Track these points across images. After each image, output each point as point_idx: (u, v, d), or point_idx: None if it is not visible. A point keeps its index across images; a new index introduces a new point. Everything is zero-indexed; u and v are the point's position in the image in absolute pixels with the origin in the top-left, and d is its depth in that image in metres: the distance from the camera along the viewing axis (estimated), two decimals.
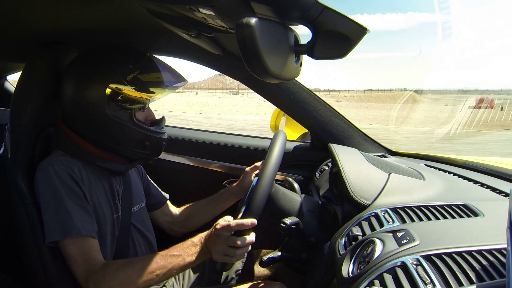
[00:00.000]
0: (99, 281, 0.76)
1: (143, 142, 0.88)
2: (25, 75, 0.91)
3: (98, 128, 0.85)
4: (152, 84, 0.88)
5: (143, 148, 0.89)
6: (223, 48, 0.99)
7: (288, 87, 1.15)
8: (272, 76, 0.47)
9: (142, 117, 0.89)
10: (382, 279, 0.49)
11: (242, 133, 1.63)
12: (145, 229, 1.00)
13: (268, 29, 0.45)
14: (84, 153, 0.86)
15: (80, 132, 0.87)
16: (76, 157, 0.85)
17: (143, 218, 1.01)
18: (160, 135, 0.91)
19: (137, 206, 0.99)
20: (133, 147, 0.88)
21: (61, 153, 0.86)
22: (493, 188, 0.77)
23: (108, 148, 0.87)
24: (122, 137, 0.87)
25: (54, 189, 0.81)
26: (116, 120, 0.84)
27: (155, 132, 0.90)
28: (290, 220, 0.77)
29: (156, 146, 0.91)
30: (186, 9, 0.57)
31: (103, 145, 0.87)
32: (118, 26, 0.99)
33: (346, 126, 1.20)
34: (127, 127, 0.86)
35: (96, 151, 0.87)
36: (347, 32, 0.50)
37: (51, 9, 0.83)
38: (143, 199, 1.04)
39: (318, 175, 1.13)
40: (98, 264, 0.79)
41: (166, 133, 0.94)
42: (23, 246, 0.89)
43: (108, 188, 0.90)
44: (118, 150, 0.88)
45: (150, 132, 0.89)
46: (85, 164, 0.86)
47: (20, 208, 0.86)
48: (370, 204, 0.73)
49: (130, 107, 0.85)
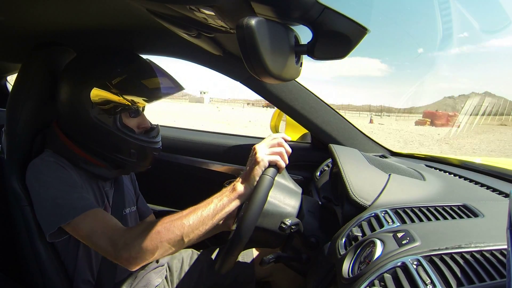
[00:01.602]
0: (130, 244, 0.70)
1: (128, 149, 0.86)
2: (21, 76, 0.91)
3: (83, 131, 0.85)
4: (139, 90, 0.85)
5: (128, 155, 0.86)
6: (224, 49, 0.99)
7: (288, 87, 1.15)
8: (272, 76, 0.47)
9: (134, 123, 0.87)
10: (382, 279, 0.49)
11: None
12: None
13: (268, 29, 0.45)
14: (70, 154, 0.85)
15: (69, 134, 0.87)
16: (64, 157, 0.85)
17: (133, 223, 1.01)
18: (149, 144, 0.88)
19: (128, 209, 0.99)
20: (117, 153, 0.86)
21: (51, 152, 0.86)
22: (493, 188, 0.77)
23: (92, 151, 0.86)
24: (106, 142, 0.85)
25: (45, 177, 0.80)
26: (99, 124, 0.83)
27: (141, 140, 0.87)
28: (290, 221, 0.77)
29: (143, 155, 0.88)
30: (186, 9, 0.56)
31: (88, 148, 0.86)
32: (118, 26, 0.99)
33: (346, 127, 1.20)
34: (111, 132, 0.84)
35: (81, 153, 0.86)
36: (348, 32, 0.50)
37: (50, 9, 0.83)
38: (134, 204, 1.04)
39: (318, 175, 1.13)
40: (120, 228, 0.74)
41: (158, 143, 0.91)
42: (19, 246, 0.89)
43: (96, 188, 0.90)
44: (102, 155, 0.86)
45: (135, 140, 0.86)
46: (72, 164, 0.86)
47: (16, 210, 0.87)
48: (370, 205, 0.73)
49: (115, 111, 0.83)
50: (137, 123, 0.88)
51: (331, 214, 0.88)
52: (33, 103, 0.90)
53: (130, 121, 0.87)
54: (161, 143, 0.94)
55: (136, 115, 0.88)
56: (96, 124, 0.83)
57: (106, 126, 0.84)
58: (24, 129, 0.90)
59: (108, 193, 0.94)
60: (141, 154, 0.88)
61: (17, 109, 0.89)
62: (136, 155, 0.87)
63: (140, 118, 0.89)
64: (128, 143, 0.85)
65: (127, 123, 0.86)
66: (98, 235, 0.73)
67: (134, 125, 0.88)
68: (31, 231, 0.85)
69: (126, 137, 0.85)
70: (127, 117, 0.86)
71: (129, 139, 0.85)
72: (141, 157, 0.88)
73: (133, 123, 0.87)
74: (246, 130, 12.78)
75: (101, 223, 0.75)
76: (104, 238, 0.73)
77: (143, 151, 0.88)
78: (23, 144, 0.90)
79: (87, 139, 0.85)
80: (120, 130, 0.84)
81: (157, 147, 0.90)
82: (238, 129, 13.02)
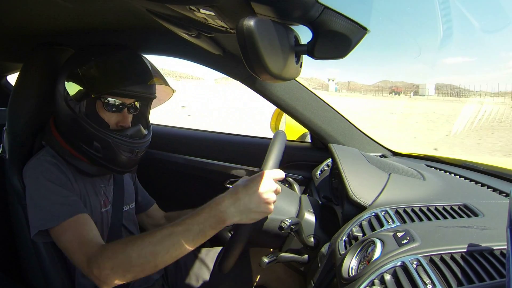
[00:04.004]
0: (102, 264, 0.68)
1: (91, 141, 0.81)
2: (22, 75, 0.91)
3: (61, 121, 0.85)
4: (105, 81, 0.81)
5: (94, 148, 0.82)
6: (223, 48, 0.99)
7: (288, 87, 1.15)
8: (272, 76, 0.47)
9: (112, 119, 0.84)
10: (382, 279, 0.49)
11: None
12: (134, 230, 1.00)
13: (268, 29, 0.45)
14: (59, 148, 0.85)
15: (57, 127, 0.87)
16: (58, 153, 0.85)
17: (133, 219, 1.01)
18: (117, 141, 0.82)
19: (127, 206, 0.99)
20: (83, 143, 0.82)
21: (48, 148, 0.86)
22: (493, 188, 0.78)
23: (73, 144, 0.84)
24: (74, 130, 0.82)
25: (36, 178, 0.79)
26: (68, 111, 0.81)
27: (107, 135, 0.81)
28: (290, 220, 0.77)
29: (110, 151, 0.82)
30: (186, 9, 0.57)
31: (69, 140, 0.84)
32: (118, 26, 0.99)
33: (346, 126, 1.20)
34: (76, 119, 0.81)
35: (66, 147, 0.85)
36: (348, 32, 0.50)
37: (50, 9, 0.83)
38: (133, 200, 1.04)
39: (319, 175, 1.13)
40: (96, 245, 0.73)
41: (134, 144, 0.84)
42: (20, 245, 0.89)
43: (90, 185, 0.90)
44: (78, 147, 0.83)
45: (99, 132, 0.80)
46: (64, 160, 0.85)
47: (18, 209, 0.87)
48: (370, 204, 0.73)
49: (80, 97, 0.80)
50: (116, 120, 0.84)
51: (331, 214, 0.88)
52: (34, 103, 0.90)
53: (107, 115, 0.83)
54: (159, 143, 0.92)
55: (116, 110, 0.84)
56: (67, 111, 0.82)
57: (73, 113, 0.81)
58: (25, 128, 0.90)
59: (107, 190, 0.94)
60: (107, 150, 0.82)
61: (18, 108, 0.89)
62: (102, 150, 0.82)
63: (120, 115, 0.84)
64: (92, 134, 0.81)
65: (103, 116, 0.83)
66: (74, 249, 0.73)
67: (112, 121, 0.84)
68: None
69: (89, 127, 0.80)
70: (103, 111, 0.83)
71: (92, 130, 0.80)
72: (109, 154, 0.83)
73: (111, 119, 0.84)
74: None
75: (79, 237, 0.74)
76: (80, 252, 0.72)
77: (109, 148, 0.82)
78: (25, 143, 0.90)
79: (65, 129, 0.85)
80: (84, 120, 0.81)
81: (128, 147, 0.84)
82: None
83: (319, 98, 1.18)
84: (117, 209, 0.94)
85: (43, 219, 0.75)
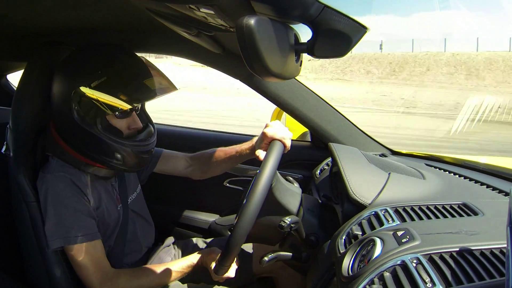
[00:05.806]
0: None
1: (113, 153, 0.82)
2: (27, 74, 0.92)
3: (72, 133, 0.83)
4: (119, 94, 0.79)
5: (115, 158, 0.83)
6: (223, 47, 0.99)
7: (288, 86, 1.15)
8: (272, 75, 0.47)
9: (123, 124, 0.84)
10: (382, 278, 0.49)
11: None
12: (142, 212, 1.04)
13: (268, 28, 0.45)
14: (71, 159, 0.85)
15: (63, 136, 0.85)
16: (69, 163, 0.85)
17: (139, 203, 1.04)
18: (135, 148, 0.84)
19: (131, 196, 1.01)
20: (104, 156, 0.83)
21: (56, 159, 0.86)
22: (493, 187, 0.77)
23: (87, 154, 0.84)
24: (92, 145, 0.82)
25: (55, 196, 0.81)
26: (83, 126, 0.80)
27: (126, 145, 0.83)
28: (290, 219, 0.77)
29: (130, 158, 0.84)
30: (186, 8, 0.56)
31: (82, 151, 0.84)
32: (119, 25, 0.99)
33: (346, 125, 1.20)
34: (93, 135, 0.80)
35: (80, 157, 0.84)
36: (347, 30, 0.50)
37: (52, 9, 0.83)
38: (138, 183, 1.05)
39: (318, 174, 1.14)
40: (110, 270, 0.84)
41: (148, 145, 0.87)
42: (25, 246, 0.89)
43: (104, 189, 0.91)
44: (95, 157, 0.84)
45: (119, 144, 0.82)
46: (78, 170, 0.86)
47: (23, 207, 0.87)
48: (370, 203, 0.73)
49: (95, 115, 0.80)
50: (127, 124, 0.85)
51: (331, 213, 0.88)
52: (38, 101, 0.91)
53: (118, 122, 0.83)
54: (162, 142, 0.94)
55: (124, 115, 0.84)
56: (79, 126, 0.80)
57: (89, 128, 0.80)
58: (30, 126, 0.90)
59: (115, 187, 0.96)
60: (127, 158, 0.84)
61: (22, 107, 0.90)
62: (122, 159, 0.83)
63: (130, 119, 0.85)
64: (112, 147, 0.81)
65: (114, 124, 0.83)
66: (89, 271, 0.82)
67: (123, 126, 0.84)
68: (37, 228, 0.86)
69: (109, 141, 0.81)
70: (114, 119, 0.83)
71: (113, 143, 0.81)
72: (128, 161, 0.85)
73: (122, 124, 0.84)
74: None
75: (95, 260, 0.83)
76: (93, 276, 0.82)
77: (129, 155, 0.84)
78: (29, 141, 0.91)
79: (78, 142, 0.84)
80: (102, 134, 0.81)
81: (145, 150, 0.86)
82: None
83: (319, 97, 1.18)
84: (123, 202, 0.96)
85: (62, 236, 0.81)
